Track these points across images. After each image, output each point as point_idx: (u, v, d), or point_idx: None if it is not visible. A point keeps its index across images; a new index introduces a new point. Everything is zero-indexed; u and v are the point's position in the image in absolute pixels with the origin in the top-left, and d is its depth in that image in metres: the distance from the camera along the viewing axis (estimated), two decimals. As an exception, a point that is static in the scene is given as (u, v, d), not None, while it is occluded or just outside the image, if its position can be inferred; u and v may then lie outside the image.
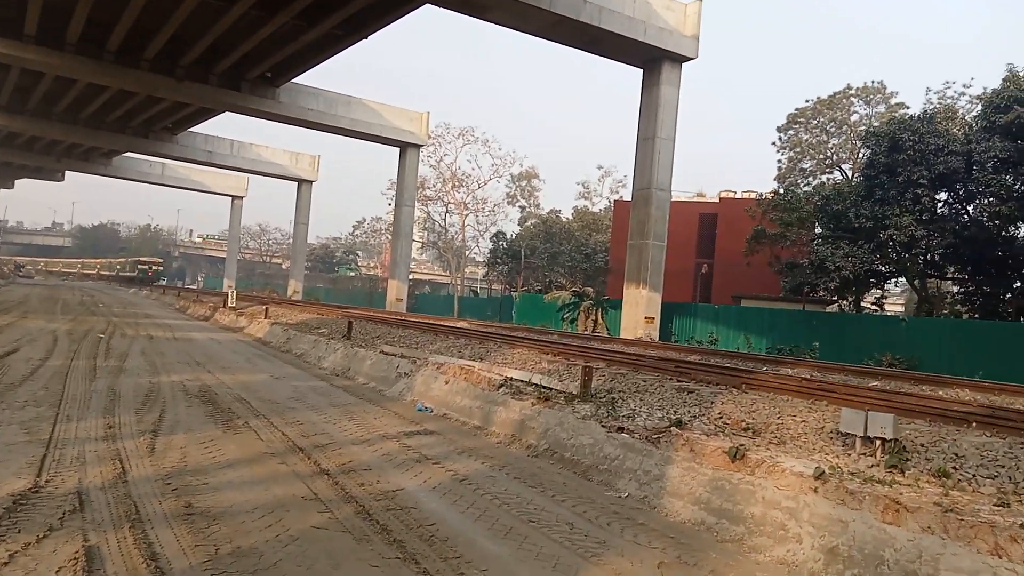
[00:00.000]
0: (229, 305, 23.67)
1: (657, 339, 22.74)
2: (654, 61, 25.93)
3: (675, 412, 7.14)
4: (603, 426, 6.56)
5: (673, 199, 40.13)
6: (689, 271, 35.99)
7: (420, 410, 8.81)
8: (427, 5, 26.43)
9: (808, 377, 9.89)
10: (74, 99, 43.14)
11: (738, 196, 38.06)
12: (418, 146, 42.67)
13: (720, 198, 39.27)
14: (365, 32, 30.28)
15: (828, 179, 35.10)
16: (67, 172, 70.30)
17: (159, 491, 4.50)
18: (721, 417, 6.92)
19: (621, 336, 23.91)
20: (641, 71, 26.77)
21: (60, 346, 12.21)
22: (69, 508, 3.97)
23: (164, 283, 74.82)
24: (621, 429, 6.44)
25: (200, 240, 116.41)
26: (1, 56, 34.38)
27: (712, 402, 7.45)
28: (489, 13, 23.64)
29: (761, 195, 32.51)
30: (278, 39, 31.14)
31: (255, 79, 37.02)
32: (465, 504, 4.96)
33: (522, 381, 8.65)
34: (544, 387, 8.25)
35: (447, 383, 9.09)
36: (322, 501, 4.66)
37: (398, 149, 42.60)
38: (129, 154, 59.57)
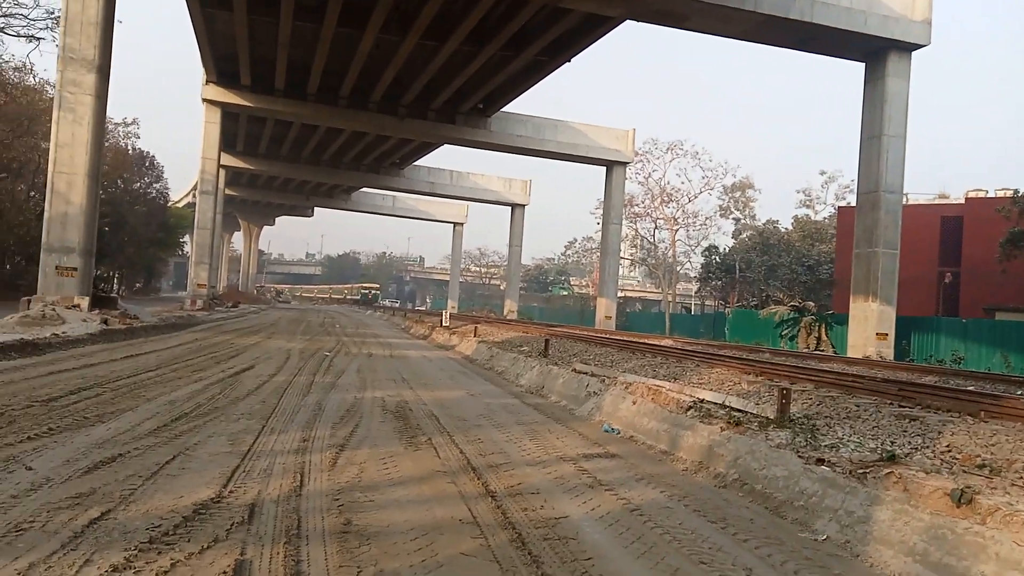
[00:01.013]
0: (443, 324, 24.96)
1: (891, 358, 20.43)
2: (878, 53, 23.64)
3: (891, 443, 6.18)
4: (800, 456, 5.82)
5: (908, 202, 36.21)
6: (930, 281, 32.10)
7: (606, 431, 8.49)
8: (626, 21, 26.37)
9: (1076, 404, 8.18)
10: (317, 143, 48.40)
11: (990, 196, 33.35)
12: (624, 164, 42.49)
13: (966, 198, 34.66)
14: (568, 55, 30.83)
15: (1110, 168, 29.68)
16: (315, 208, 79.08)
17: (326, 506, 4.62)
18: (949, 451, 5.87)
19: (848, 355, 21.80)
20: (863, 64, 24.48)
21: (290, 363, 13.45)
22: (239, 520, 4.18)
23: (391, 303, 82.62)
24: (821, 461, 5.67)
25: (428, 264, 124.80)
26: (260, 110, 39.60)
27: (939, 432, 6.36)
28: (688, 21, 22.91)
29: (1018, 192, 28.20)
30: (487, 71, 32.65)
31: (468, 111, 39.09)
32: (631, 538, 4.57)
33: (714, 403, 8.03)
34: (737, 410, 7.58)
35: (634, 403, 8.69)
36: (479, 525, 4.52)
37: (605, 168, 42.65)
38: (365, 189, 65.60)
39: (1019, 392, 9.79)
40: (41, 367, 10.08)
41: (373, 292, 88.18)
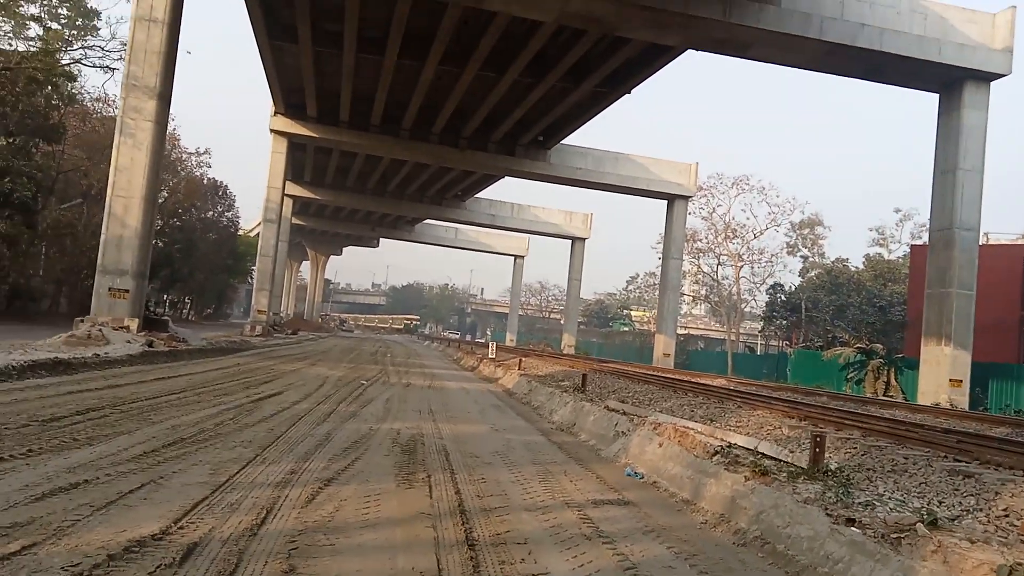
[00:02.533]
0: (490, 357, 24.58)
1: (964, 406, 18.98)
2: (953, 83, 22.47)
3: (939, 503, 5.41)
4: (828, 515, 5.11)
5: (988, 242, 34.15)
6: (1010, 326, 30.01)
7: (629, 475, 7.86)
8: (687, 51, 25.87)
9: None
10: (381, 175, 49.20)
11: (1081, 234, 31.13)
12: (686, 197, 41.66)
13: (1053, 237, 32.48)
14: (628, 87, 30.52)
15: None
16: (380, 239, 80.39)
17: (277, 549, 4.20)
18: (1006, 515, 5.07)
19: (918, 402, 20.38)
20: (937, 95, 23.31)
21: (321, 391, 13.21)
22: (170, 561, 3.79)
23: (452, 334, 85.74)
24: (851, 521, 4.95)
25: (489, 297, 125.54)
26: (325, 141, 40.54)
27: (997, 493, 5.55)
28: (750, 50, 22.26)
29: (1112, 230, 26.14)
30: (547, 102, 32.60)
31: (528, 143, 39.09)
32: (613, 602, 4.00)
33: (746, 448, 7.32)
34: (769, 457, 6.87)
35: (661, 446, 8.04)
36: (440, 580, 4.02)
37: (666, 202, 41.88)
38: (428, 220, 66.34)
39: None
40: (64, 386, 10.08)
41: (414, 323, 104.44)
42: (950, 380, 20.28)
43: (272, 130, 39.30)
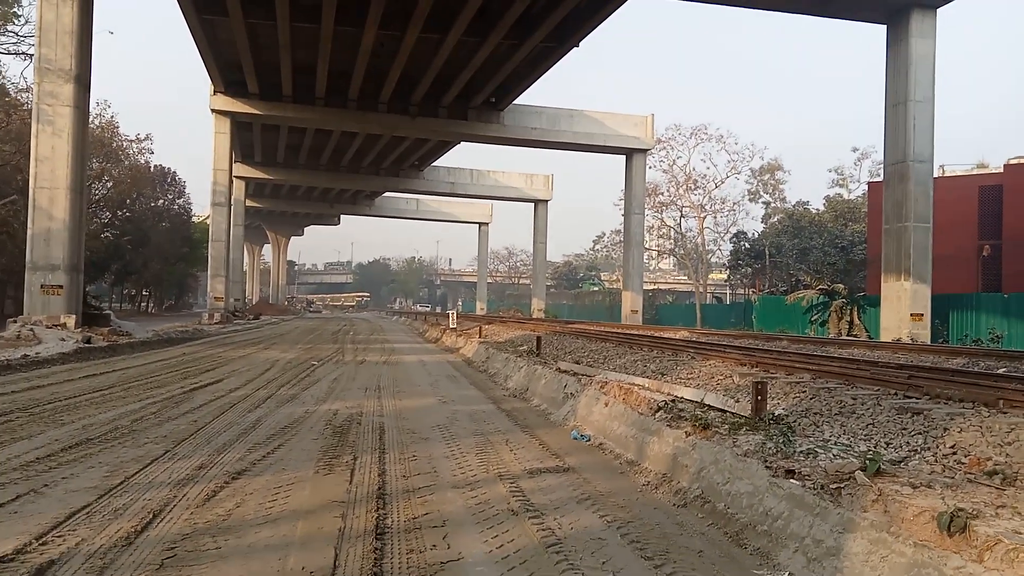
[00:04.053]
0: (451, 327, 24.14)
1: (926, 340, 18.98)
2: (899, 12, 22.13)
3: (885, 444, 5.09)
4: (767, 467, 4.77)
5: (944, 174, 34.24)
6: (970, 257, 30.18)
7: (575, 438, 7.50)
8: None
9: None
10: (333, 149, 47.96)
11: (1033, 161, 31.29)
12: (644, 151, 41.12)
13: (1005, 166, 32.54)
14: (576, 39, 29.76)
15: None
16: (341, 216, 79.01)
17: (149, 559, 3.74)
18: (954, 452, 4.77)
19: (881, 338, 20.38)
20: (884, 27, 22.97)
21: (265, 376, 12.68)
22: (12, 585, 3.32)
23: (423, 307, 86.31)
24: (791, 472, 4.61)
25: (457, 267, 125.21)
26: (270, 117, 39.27)
27: (945, 429, 5.24)
28: (696, -9, 21.62)
29: (1061, 153, 26.24)
30: (494, 62, 31.72)
31: (480, 106, 38.18)
32: (527, 587, 3.60)
33: (692, 401, 6.98)
34: (717, 409, 6.53)
35: (607, 405, 7.68)
36: (333, 580, 3.59)
37: (624, 157, 41.38)
38: (388, 193, 65.17)
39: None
40: (-24, 392, 9.44)
41: (366, 299, 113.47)
42: (911, 314, 20.28)
43: (213, 110, 37.94)
